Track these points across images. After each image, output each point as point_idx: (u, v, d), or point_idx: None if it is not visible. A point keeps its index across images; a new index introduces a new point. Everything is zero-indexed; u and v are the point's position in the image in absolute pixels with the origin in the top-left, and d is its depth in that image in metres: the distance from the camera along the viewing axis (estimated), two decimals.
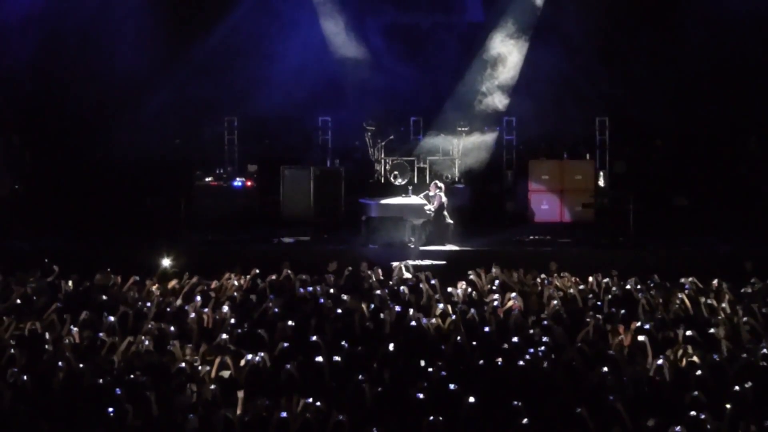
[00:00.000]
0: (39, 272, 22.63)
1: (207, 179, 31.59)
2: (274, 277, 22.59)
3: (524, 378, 16.48)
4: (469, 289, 21.95)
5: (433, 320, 19.54)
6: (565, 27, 32.27)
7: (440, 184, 27.75)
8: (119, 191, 30.96)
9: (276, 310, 20.08)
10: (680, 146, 33.22)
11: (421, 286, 22.03)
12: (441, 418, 14.83)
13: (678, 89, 32.57)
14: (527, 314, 20.19)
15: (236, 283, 22.43)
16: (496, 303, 20.73)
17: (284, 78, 31.42)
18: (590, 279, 22.62)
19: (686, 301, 20.52)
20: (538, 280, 22.72)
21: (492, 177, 32.73)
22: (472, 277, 22.69)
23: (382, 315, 19.70)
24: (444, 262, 25.32)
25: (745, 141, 32.79)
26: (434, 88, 32.95)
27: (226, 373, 16.99)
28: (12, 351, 17.54)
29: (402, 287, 21.84)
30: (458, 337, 18.30)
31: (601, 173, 32.44)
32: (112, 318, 19.38)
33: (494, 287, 22.07)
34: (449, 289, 21.90)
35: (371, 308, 20.26)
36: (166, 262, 23.96)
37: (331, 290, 21.73)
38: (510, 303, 20.63)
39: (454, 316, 19.69)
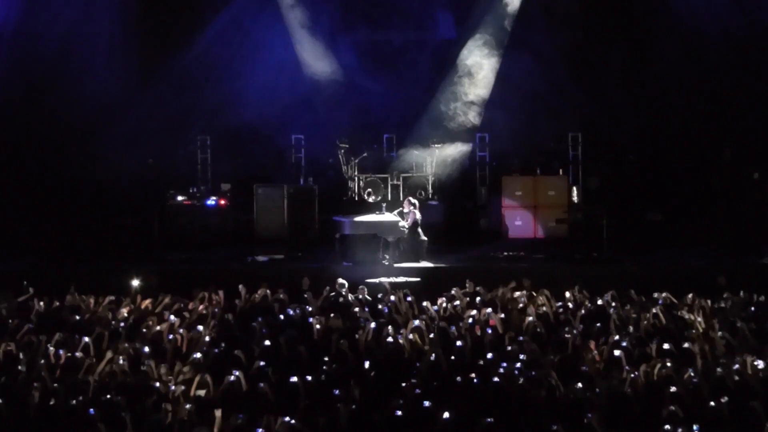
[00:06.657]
0: (10, 292, 22.47)
1: (180, 198, 31.48)
2: (250, 296, 22.51)
3: (499, 394, 16.44)
4: (444, 305, 21.91)
5: (410, 336, 19.50)
6: (537, 43, 32.35)
7: (414, 201, 27.72)
8: (92, 211, 30.81)
9: (260, 329, 19.96)
10: (653, 161, 33.28)
11: (393, 299, 22.03)
12: None
13: (650, 104, 32.73)
14: (506, 330, 20.16)
15: (210, 302, 22.31)
16: (471, 320, 20.68)
17: (257, 96, 31.38)
18: (566, 294, 22.59)
19: (660, 315, 20.54)
20: (519, 294, 22.66)
21: (465, 193, 32.80)
22: (452, 292, 22.63)
23: (357, 336, 19.62)
24: (418, 279, 25.27)
25: (718, 155, 32.85)
26: (407, 105, 32.97)
27: (201, 392, 16.91)
28: None
29: (378, 304, 21.81)
30: (433, 354, 18.26)
31: (575, 189, 32.55)
32: (86, 338, 19.27)
33: (472, 303, 22.01)
34: (424, 304, 21.88)
35: (347, 326, 20.21)
36: (139, 282, 23.82)
37: (311, 309, 21.60)
38: (488, 319, 20.59)
39: (431, 334, 19.66)
